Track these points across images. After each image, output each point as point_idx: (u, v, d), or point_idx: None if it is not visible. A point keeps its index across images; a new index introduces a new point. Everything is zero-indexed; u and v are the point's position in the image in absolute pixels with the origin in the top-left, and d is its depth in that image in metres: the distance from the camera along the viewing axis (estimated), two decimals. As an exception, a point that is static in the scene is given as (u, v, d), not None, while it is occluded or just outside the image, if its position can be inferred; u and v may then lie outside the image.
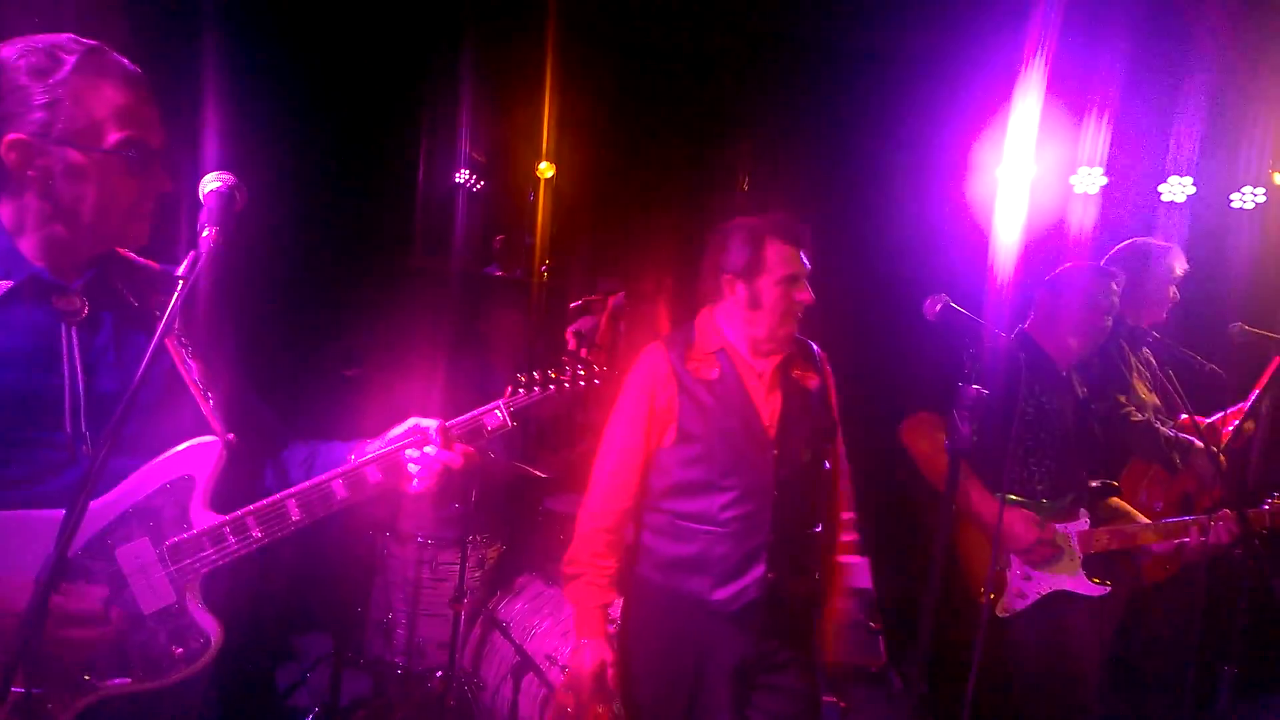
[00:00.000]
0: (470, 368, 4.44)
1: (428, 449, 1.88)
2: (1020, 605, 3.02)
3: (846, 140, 5.81)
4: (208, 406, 1.78)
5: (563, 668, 3.39)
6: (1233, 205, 5.33)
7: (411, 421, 1.91)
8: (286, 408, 2.17)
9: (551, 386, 2.07)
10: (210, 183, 1.63)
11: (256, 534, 1.74)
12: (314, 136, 4.62)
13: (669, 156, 6.54)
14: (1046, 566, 3.01)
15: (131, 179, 1.67)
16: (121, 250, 1.82)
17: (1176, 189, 5.31)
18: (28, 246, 1.68)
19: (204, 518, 1.72)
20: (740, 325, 2.61)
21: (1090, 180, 5.31)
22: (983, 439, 2.65)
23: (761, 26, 5.76)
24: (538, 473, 3.91)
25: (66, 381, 1.65)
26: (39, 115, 1.59)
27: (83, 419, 1.66)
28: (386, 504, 3.89)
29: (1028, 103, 4.66)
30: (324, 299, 4.64)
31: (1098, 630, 3.20)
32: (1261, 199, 5.27)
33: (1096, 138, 5.10)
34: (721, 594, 2.49)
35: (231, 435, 1.77)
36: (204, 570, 1.71)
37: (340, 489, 1.81)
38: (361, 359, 3.73)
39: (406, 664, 3.79)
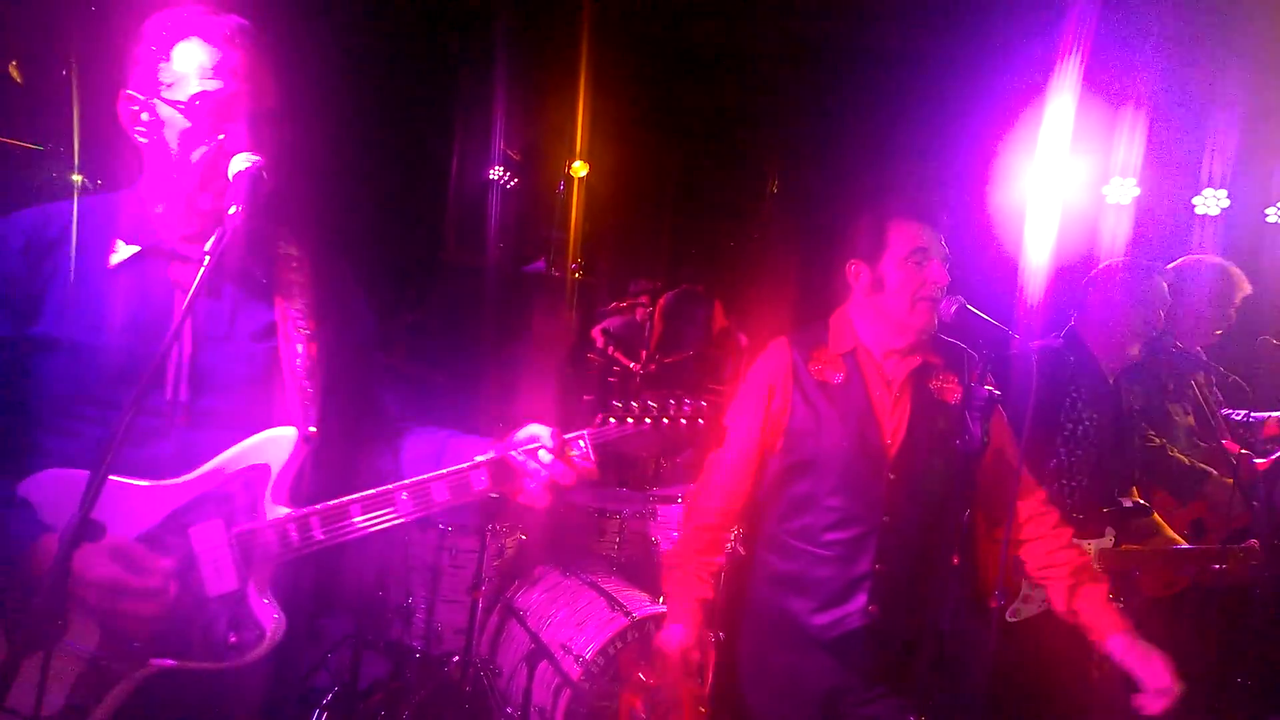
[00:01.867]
0: (500, 359, 4.50)
1: (543, 455, 1.72)
2: (1028, 612, 3.00)
3: (878, 142, 5.81)
4: (304, 393, 1.75)
5: (577, 658, 3.43)
6: (1268, 219, 5.27)
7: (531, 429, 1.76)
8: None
9: (648, 420, 1.77)
10: (239, 163, 1.64)
11: (319, 535, 1.67)
12: (349, 132, 4.71)
13: (700, 156, 6.57)
14: None
15: (202, 136, 1.68)
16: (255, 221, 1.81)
17: (1210, 202, 5.26)
18: (156, 213, 1.74)
19: (273, 510, 1.67)
20: (871, 318, 2.38)
21: (1123, 191, 5.27)
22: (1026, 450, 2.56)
23: (794, 27, 5.77)
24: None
25: (174, 351, 1.67)
26: (142, 70, 1.68)
27: (183, 389, 1.67)
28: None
29: (1061, 112, 4.65)
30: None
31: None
32: (1298, 213, 5.22)
33: (1130, 149, 5.07)
34: (820, 619, 2.31)
35: (314, 429, 1.72)
36: (269, 561, 1.66)
37: (406, 504, 1.71)
38: (392, 348, 3.79)
39: (425, 648, 3.84)
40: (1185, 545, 3.09)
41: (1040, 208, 4.85)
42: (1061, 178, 4.85)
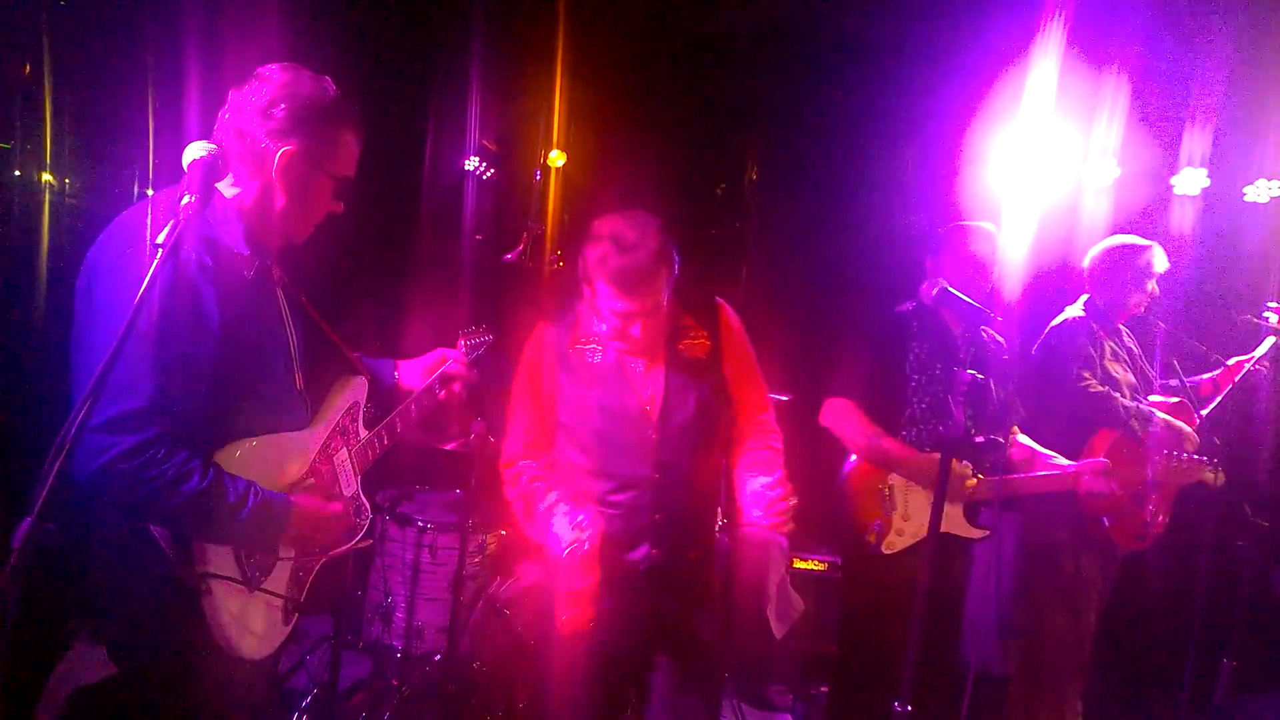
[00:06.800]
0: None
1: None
2: (900, 544, 3.23)
3: (859, 128, 5.77)
4: (352, 354, 2.39)
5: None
6: (1246, 198, 5.27)
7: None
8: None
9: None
10: (194, 151, 1.66)
11: (386, 440, 2.44)
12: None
13: (678, 144, 6.51)
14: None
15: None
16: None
17: (1190, 181, 5.24)
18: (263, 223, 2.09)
19: (363, 431, 2.38)
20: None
21: (1103, 172, 5.24)
22: (879, 391, 3.24)
23: (772, 13, 5.72)
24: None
25: (289, 344, 2.11)
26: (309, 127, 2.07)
27: (299, 377, 2.14)
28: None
29: (1040, 92, 4.61)
30: (330, 282, 4.64)
31: (987, 578, 3.54)
32: (1276, 192, 5.19)
33: (1109, 129, 5.04)
34: (619, 561, 2.58)
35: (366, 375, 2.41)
36: (369, 464, 2.38)
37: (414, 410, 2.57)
38: (365, 340, 3.73)
39: (405, 647, 3.80)
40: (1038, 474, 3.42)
41: (1019, 189, 4.82)
42: (1040, 159, 4.81)
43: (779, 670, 4.62)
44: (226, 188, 2.01)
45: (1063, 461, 3.46)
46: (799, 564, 4.74)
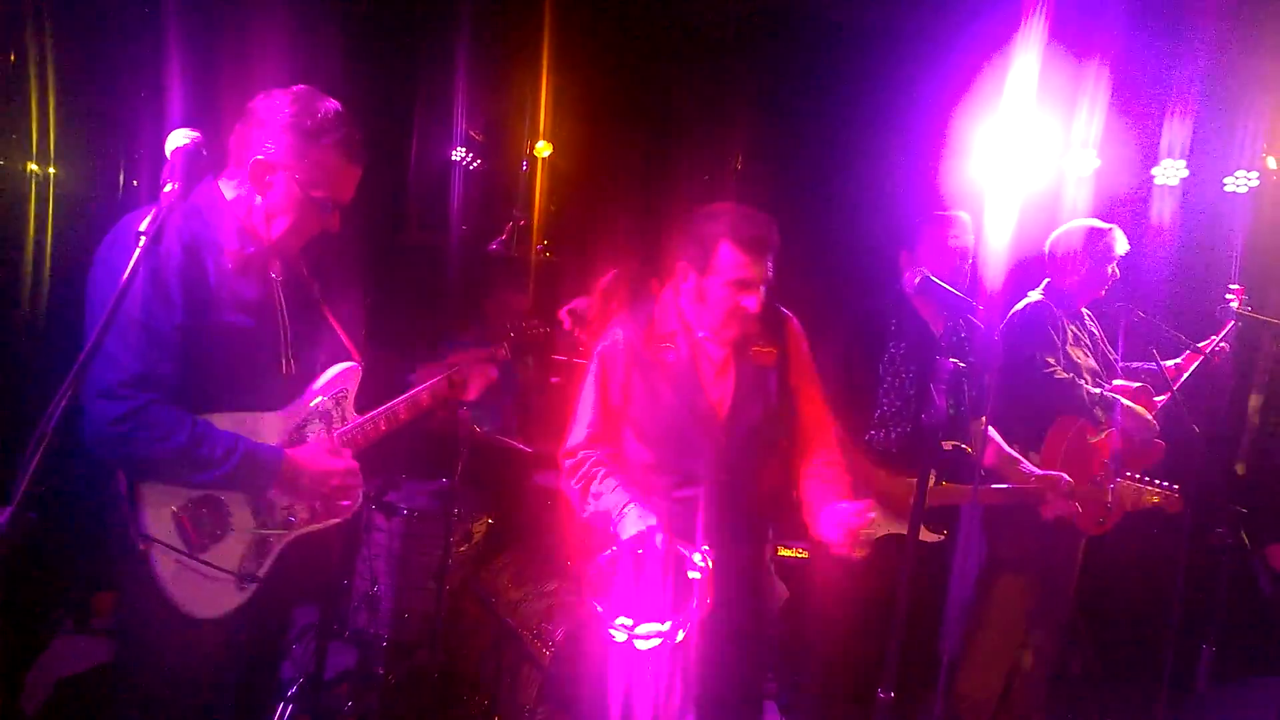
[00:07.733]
0: (464, 344, 4.43)
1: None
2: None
3: (843, 118, 5.78)
4: (349, 340, 2.44)
5: (548, 642, 3.41)
6: (1226, 189, 5.31)
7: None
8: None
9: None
10: (178, 139, 1.67)
11: (383, 426, 2.48)
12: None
13: (665, 134, 6.52)
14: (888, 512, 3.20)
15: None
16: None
17: (1170, 172, 5.29)
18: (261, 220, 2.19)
19: (353, 416, 2.43)
20: (693, 306, 2.68)
21: (1083, 163, 5.28)
22: (850, 390, 3.19)
23: (758, 3, 5.73)
24: (524, 447, 3.93)
25: (282, 329, 2.23)
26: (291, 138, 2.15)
27: (292, 364, 2.25)
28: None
29: (1022, 84, 4.63)
30: (317, 271, 4.64)
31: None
32: (1255, 182, 5.26)
33: (1090, 120, 5.07)
34: None
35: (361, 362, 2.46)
36: (356, 449, 2.39)
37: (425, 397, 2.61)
38: (352, 330, 3.74)
39: (392, 636, 3.81)
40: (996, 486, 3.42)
41: (1001, 179, 4.85)
42: (1022, 150, 4.84)
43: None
44: (230, 190, 2.16)
45: (1028, 466, 3.47)
46: (782, 551, 4.76)
